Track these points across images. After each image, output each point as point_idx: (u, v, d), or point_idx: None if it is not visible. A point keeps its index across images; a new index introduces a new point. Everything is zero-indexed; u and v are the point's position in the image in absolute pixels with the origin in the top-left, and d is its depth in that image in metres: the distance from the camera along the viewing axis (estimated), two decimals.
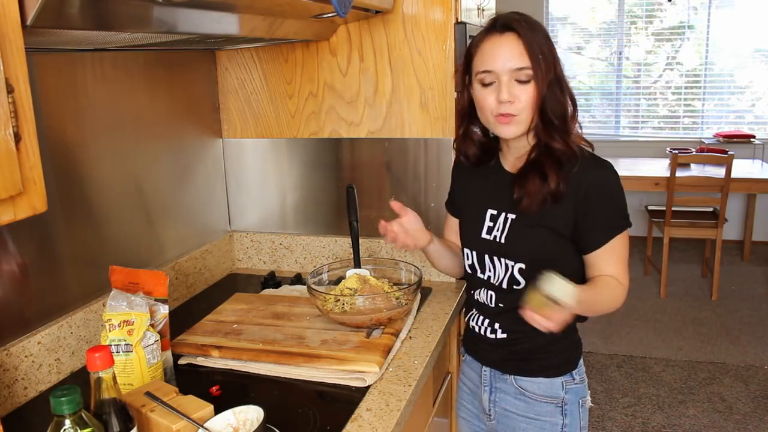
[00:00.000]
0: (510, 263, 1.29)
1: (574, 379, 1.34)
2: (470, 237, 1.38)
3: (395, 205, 1.41)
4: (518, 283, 1.29)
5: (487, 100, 1.24)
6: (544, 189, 1.22)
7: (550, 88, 1.20)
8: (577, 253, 1.27)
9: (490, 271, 1.34)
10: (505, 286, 1.31)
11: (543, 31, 1.22)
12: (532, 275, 1.26)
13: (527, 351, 1.33)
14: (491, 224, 1.32)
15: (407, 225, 1.40)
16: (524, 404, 1.34)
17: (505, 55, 1.19)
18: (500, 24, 1.21)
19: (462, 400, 1.54)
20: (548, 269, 1.24)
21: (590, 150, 1.27)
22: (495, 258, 1.32)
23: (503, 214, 1.30)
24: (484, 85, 1.23)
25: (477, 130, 1.35)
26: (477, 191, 1.40)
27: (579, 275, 1.28)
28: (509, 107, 1.21)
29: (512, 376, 1.35)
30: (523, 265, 1.27)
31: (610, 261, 1.25)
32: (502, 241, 1.30)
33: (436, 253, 1.47)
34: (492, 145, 1.37)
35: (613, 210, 1.24)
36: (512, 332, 1.33)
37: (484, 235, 1.33)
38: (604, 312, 1.29)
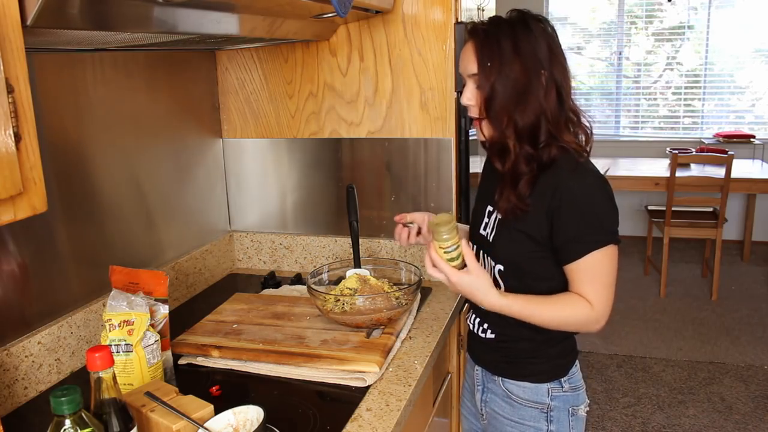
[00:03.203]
0: (492, 263, 1.29)
1: (562, 387, 1.31)
2: (473, 230, 1.39)
3: (400, 218, 1.46)
4: (499, 286, 1.27)
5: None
6: (510, 200, 1.21)
7: (500, 95, 1.17)
8: (557, 264, 1.22)
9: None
10: None
11: (515, 34, 1.17)
12: (508, 278, 1.26)
13: (514, 354, 1.32)
14: (487, 221, 1.32)
15: (418, 220, 1.45)
16: (510, 407, 1.33)
17: (463, 62, 1.24)
18: (466, 33, 1.25)
19: (463, 397, 1.55)
20: (524, 276, 1.24)
21: (583, 156, 1.22)
22: (485, 255, 1.32)
23: (495, 213, 1.30)
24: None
25: None
26: (486, 186, 1.40)
27: (560, 286, 1.23)
28: (471, 110, 1.25)
29: (500, 378, 1.35)
30: (501, 267, 1.27)
31: (583, 278, 1.18)
32: (490, 239, 1.30)
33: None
34: None
35: (587, 222, 1.17)
36: (500, 334, 1.33)
37: (481, 230, 1.34)
38: (561, 328, 1.24)
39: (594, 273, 1.18)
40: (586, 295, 1.19)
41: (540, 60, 1.17)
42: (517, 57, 1.16)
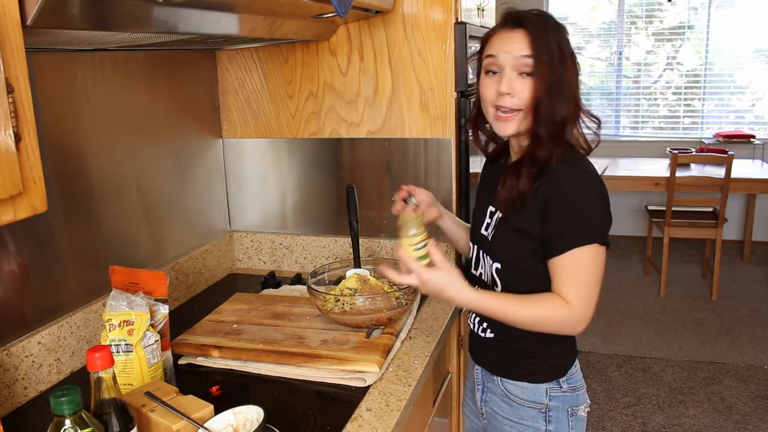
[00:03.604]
0: (491, 261, 1.29)
1: (561, 387, 1.30)
2: (474, 231, 1.38)
3: (404, 192, 1.43)
4: (497, 284, 1.28)
5: (487, 90, 1.22)
6: (514, 189, 1.20)
7: (552, 90, 1.17)
8: None
9: (482, 267, 1.34)
10: (489, 285, 1.31)
11: (557, 32, 1.19)
12: (506, 277, 1.26)
13: (513, 353, 1.32)
14: (489, 221, 1.33)
15: (419, 198, 1.44)
16: (509, 407, 1.33)
17: (511, 46, 1.18)
18: (512, 20, 1.20)
19: (466, 396, 1.55)
20: (522, 273, 1.24)
21: (584, 154, 1.23)
22: (485, 255, 1.32)
23: (496, 213, 1.30)
24: (488, 73, 1.22)
25: (487, 125, 1.31)
26: (486, 186, 1.40)
27: None
28: (508, 100, 1.19)
29: (499, 378, 1.34)
30: (499, 266, 1.26)
31: (564, 275, 1.16)
32: (490, 238, 1.30)
33: (450, 232, 1.52)
34: (503, 140, 1.35)
35: (575, 218, 1.16)
36: (499, 333, 1.32)
37: (482, 230, 1.34)
38: (537, 328, 1.20)
39: (575, 271, 1.16)
40: (565, 294, 1.16)
41: (575, 62, 1.20)
42: (566, 57, 1.19)
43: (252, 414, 1.00)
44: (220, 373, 1.37)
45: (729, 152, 4.08)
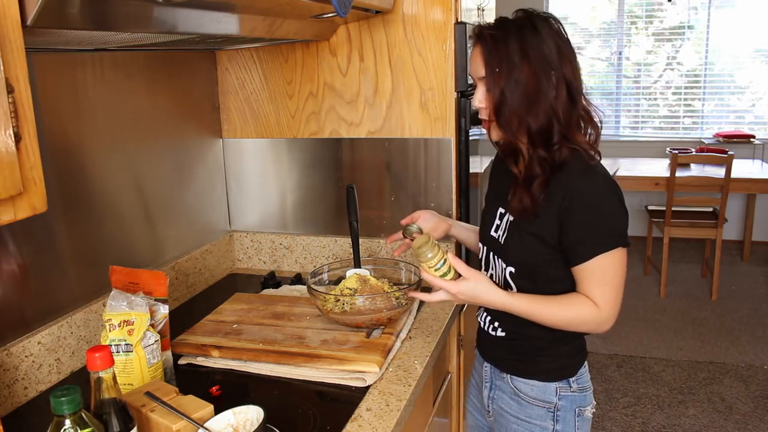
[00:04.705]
0: (503, 265, 1.29)
1: (570, 387, 1.31)
2: (483, 232, 1.39)
3: (406, 221, 1.50)
4: (510, 287, 1.28)
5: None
6: (524, 201, 1.21)
7: (504, 101, 1.17)
8: (568, 265, 1.23)
9: (493, 269, 1.34)
10: (502, 287, 1.31)
11: (518, 37, 1.16)
12: (520, 280, 1.26)
13: (524, 352, 1.32)
14: (498, 222, 1.33)
15: (425, 225, 1.48)
16: (517, 405, 1.34)
17: (473, 66, 1.24)
18: (473, 37, 1.24)
19: (470, 393, 1.56)
20: (536, 277, 1.25)
21: (595, 159, 1.23)
22: (496, 257, 1.32)
23: (507, 215, 1.30)
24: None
25: None
26: (496, 188, 1.41)
27: (573, 288, 1.23)
28: (482, 112, 1.25)
29: (509, 376, 1.35)
30: (513, 269, 1.27)
31: (591, 280, 1.19)
32: (502, 241, 1.30)
33: (461, 239, 1.55)
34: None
35: (596, 224, 1.18)
36: (511, 332, 1.33)
37: (492, 232, 1.34)
38: (567, 328, 1.24)
39: (601, 275, 1.19)
40: (593, 296, 1.19)
41: (549, 61, 1.17)
42: (526, 61, 1.16)
43: (252, 414, 1.00)
44: (220, 373, 1.37)
45: (729, 152, 4.08)
